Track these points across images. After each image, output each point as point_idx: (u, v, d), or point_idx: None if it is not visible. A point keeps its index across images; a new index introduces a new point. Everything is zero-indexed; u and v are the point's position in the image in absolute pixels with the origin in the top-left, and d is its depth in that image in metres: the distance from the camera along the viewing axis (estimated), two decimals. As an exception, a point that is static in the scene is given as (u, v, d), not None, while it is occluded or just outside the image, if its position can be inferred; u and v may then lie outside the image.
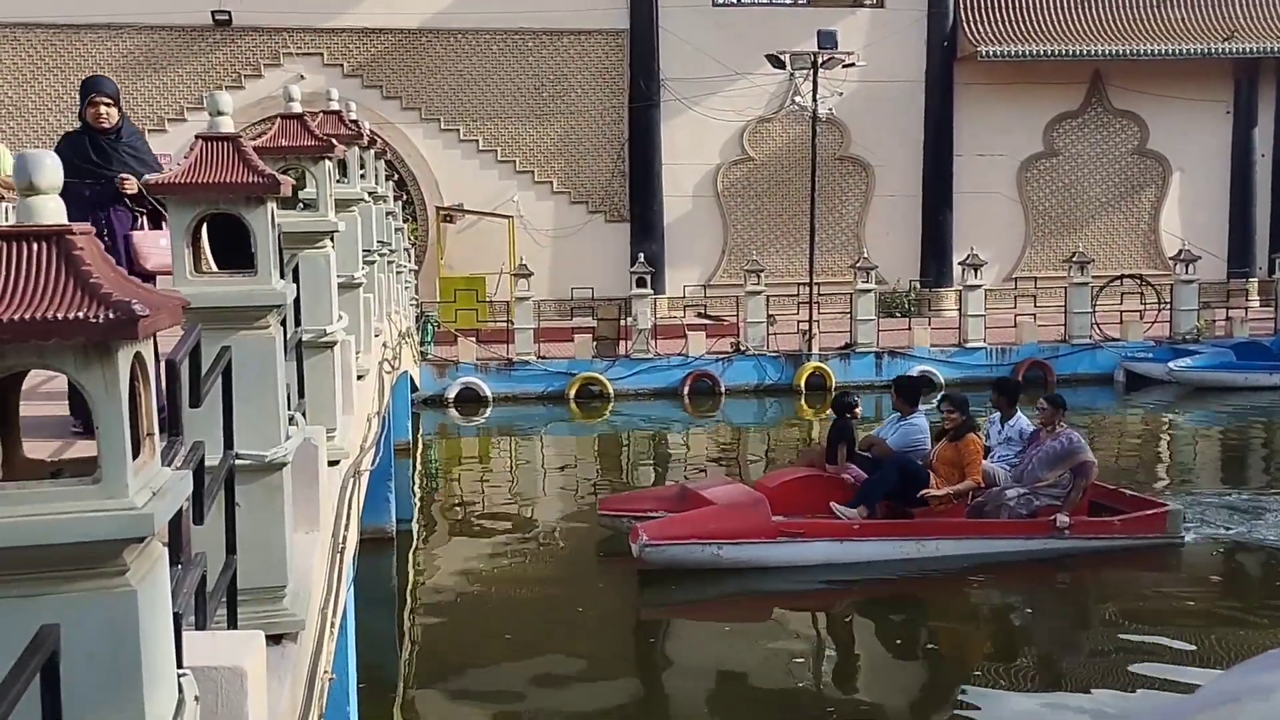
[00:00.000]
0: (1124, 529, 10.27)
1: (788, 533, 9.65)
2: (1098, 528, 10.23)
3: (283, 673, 2.91)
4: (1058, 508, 9.96)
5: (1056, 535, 9.91)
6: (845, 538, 9.75)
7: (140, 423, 1.72)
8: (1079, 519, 10.09)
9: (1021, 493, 10.09)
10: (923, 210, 26.11)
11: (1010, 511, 10.04)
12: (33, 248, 1.61)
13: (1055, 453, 10.10)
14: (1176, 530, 10.36)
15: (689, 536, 9.53)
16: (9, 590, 1.59)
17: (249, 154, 2.94)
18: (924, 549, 9.84)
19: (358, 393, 5.74)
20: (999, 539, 9.93)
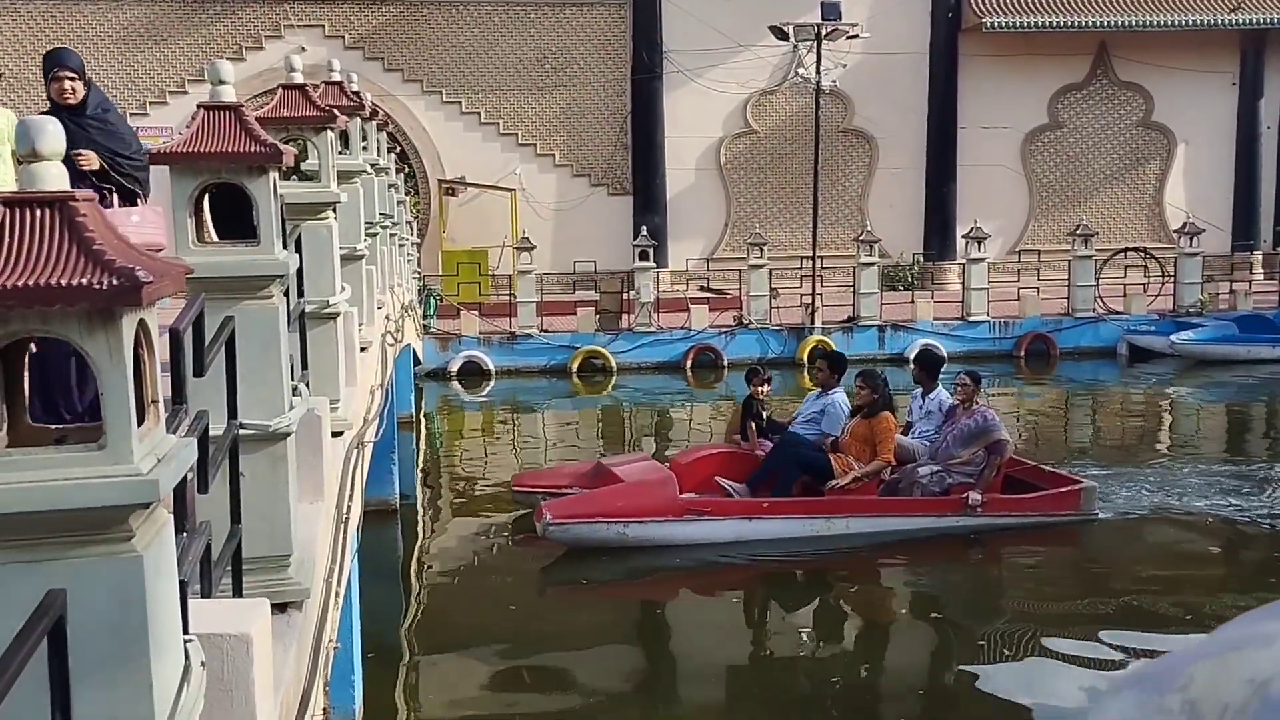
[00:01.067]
0: (1037, 506, 10.25)
1: (695, 511, 9.58)
2: (1011, 505, 10.19)
3: (288, 641, 2.93)
4: (971, 485, 9.91)
5: (969, 513, 9.85)
6: (754, 515, 9.69)
7: (145, 390, 1.73)
8: (992, 496, 10.03)
9: (935, 470, 10.03)
10: (926, 183, 26.01)
11: (923, 489, 9.99)
12: (36, 214, 1.61)
13: (970, 430, 10.05)
14: (1090, 507, 10.33)
15: (594, 515, 9.44)
16: (16, 555, 1.60)
17: (251, 123, 2.93)
18: (834, 527, 9.76)
19: (361, 365, 5.75)
20: (911, 517, 9.88)
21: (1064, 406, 18.38)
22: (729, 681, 7.79)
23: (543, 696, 7.50)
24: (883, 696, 7.60)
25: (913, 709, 7.31)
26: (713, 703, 7.46)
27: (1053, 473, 10.91)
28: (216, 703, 2.22)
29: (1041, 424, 16.99)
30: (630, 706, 7.37)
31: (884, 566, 9.90)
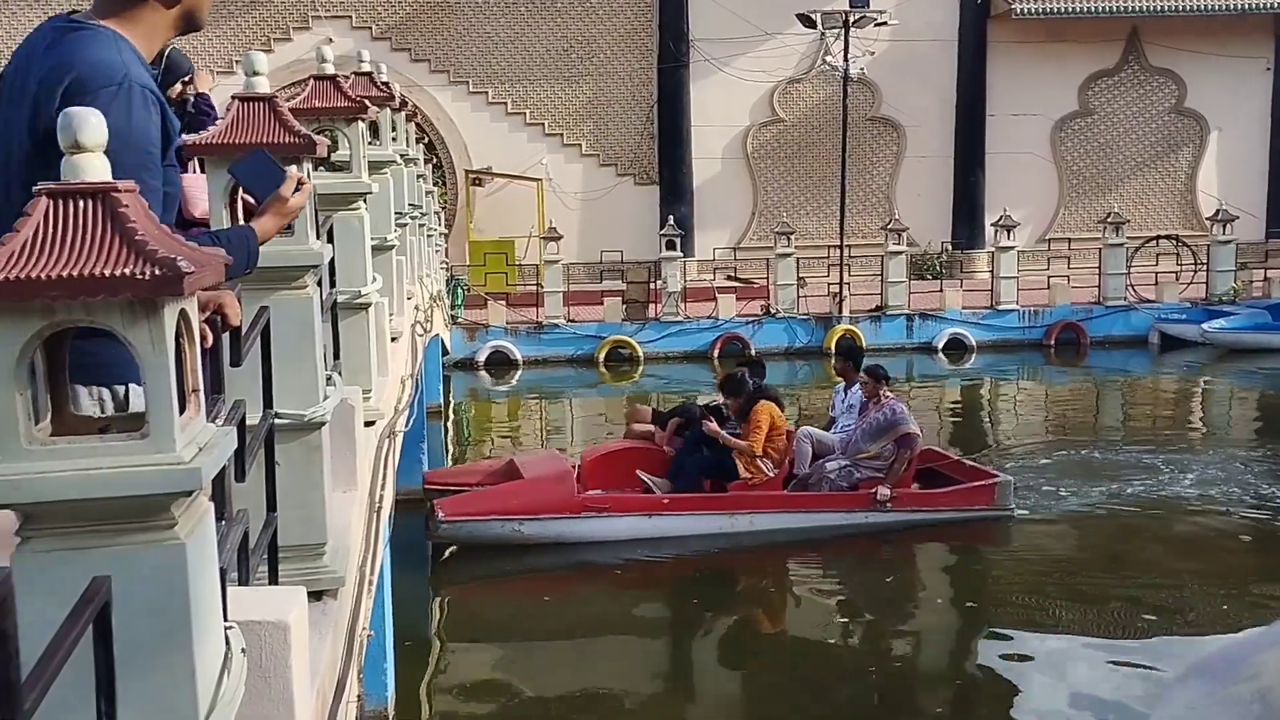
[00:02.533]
0: (950, 501, 10.08)
1: (593, 507, 9.48)
2: (922, 500, 10.05)
3: (323, 628, 2.95)
4: (881, 480, 9.79)
5: (879, 508, 9.72)
6: (654, 512, 9.59)
7: (185, 379, 1.74)
8: (902, 492, 9.89)
9: (843, 465, 9.93)
10: (955, 171, 25.83)
11: (831, 484, 9.89)
12: (79, 205, 1.63)
13: (878, 424, 9.95)
14: (1006, 502, 10.17)
15: (488, 512, 9.36)
16: (63, 543, 1.62)
17: (285, 114, 2.94)
18: (737, 523, 9.64)
19: (391, 355, 5.78)
20: (818, 512, 9.74)
21: (1094, 395, 18.24)
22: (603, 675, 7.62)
23: (569, 683, 7.53)
24: (778, 695, 7.42)
25: (809, 707, 7.17)
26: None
27: (972, 467, 10.73)
28: (255, 689, 2.24)
29: (1070, 413, 16.88)
30: (639, 697, 7.38)
31: (788, 563, 9.72)
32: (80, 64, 2.30)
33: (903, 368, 19.80)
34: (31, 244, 1.59)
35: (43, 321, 1.59)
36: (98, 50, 2.32)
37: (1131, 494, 11.12)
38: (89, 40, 2.34)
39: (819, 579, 9.63)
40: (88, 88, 2.27)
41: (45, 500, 1.61)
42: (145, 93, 2.34)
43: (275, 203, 2.61)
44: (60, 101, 2.22)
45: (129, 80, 2.31)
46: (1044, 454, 13.26)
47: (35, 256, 1.58)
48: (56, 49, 2.33)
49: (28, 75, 2.34)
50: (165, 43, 2.51)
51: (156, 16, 2.45)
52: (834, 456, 10.02)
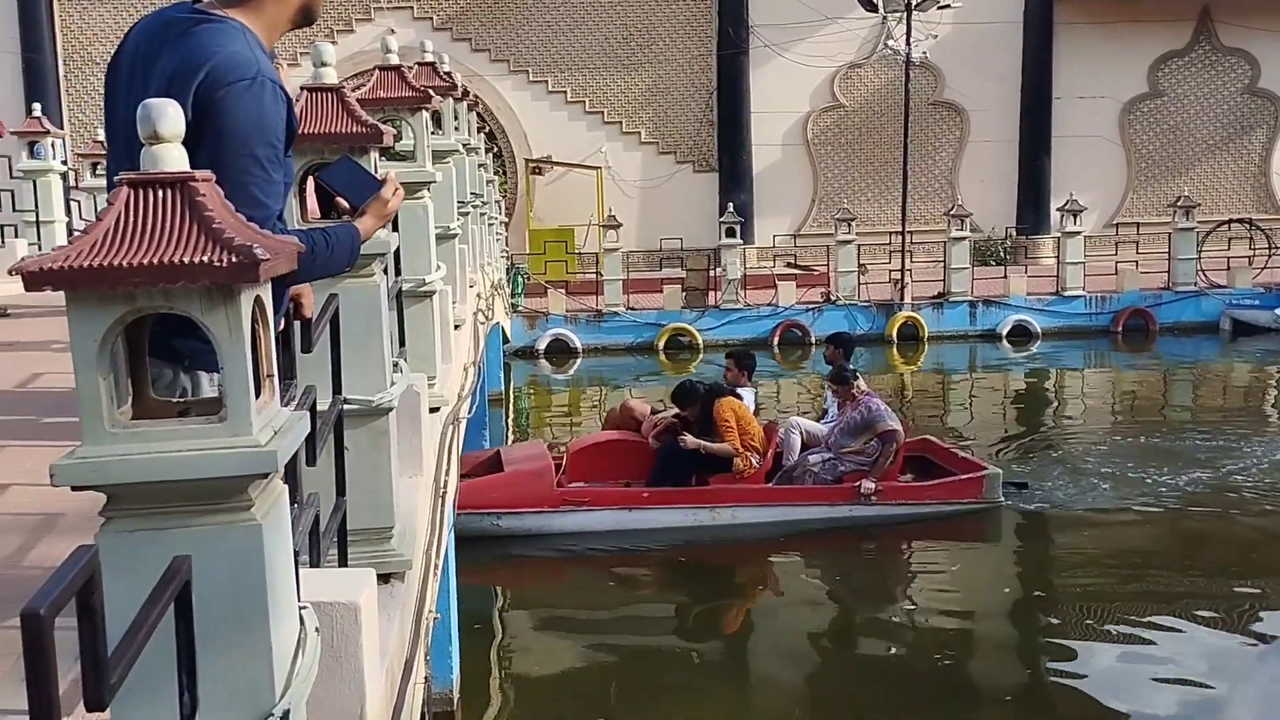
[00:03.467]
0: (937, 494, 9.89)
1: (572, 501, 9.39)
2: (908, 493, 9.86)
3: (391, 611, 3.00)
4: (866, 472, 9.65)
5: (864, 502, 9.58)
6: (634, 506, 9.50)
7: (260, 364, 1.78)
8: (888, 484, 9.73)
9: (826, 458, 9.80)
10: (1019, 155, 25.44)
11: (815, 477, 9.76)
12: (158, 194, 1.67)
13: (855, 423, 9.83)
14: (994, 495, 9.95)
15: (465, 506, 9.22)
16: (144, 523, 1.66)
17: (353, 105, 2.98)
18: (719, 516, 9.53)
19: (455, 342, 5.83)
20: (801, 506, 9.58)
21: (1162, 383, 17.90)
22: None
23: (630, 667, 7.56)
24: (756, 690, 7.31)
25: (784, 702, 7.08)
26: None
27: (964, 458, 10.51)
28: (327, 669, 2.28)
29: (1139, 401, 16.57)
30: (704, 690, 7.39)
31: (770, 558, 9.58)
32: (214, 57, 2.31)
33: (966, 355, 19.59)
34: (113, 232, 1.64)
35: (125, 308, 1.63)
36: (230, 43, 2.34)
37: (1188, 486, 10.87)
38: (220, 33, 2.35)
39: (801, 573, 9.46)
40: (223, 80, 2.29)
41: (127, 482, 1.65)
42: (275, 87, 2.37)
43: (376, 203, 2.68)
44: (195, 94, 2.25)
45: (261, 74, 2.33)
46: (1107, 443, 13.06)
47: (117, 244, 1.62)
48: (187, 41, 2.32)
49: (154, 65, 2.32)
50: (282, 35, 2.54)
51: (279, 9, 2.48)
52: (818, 449, 9.92)
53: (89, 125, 21.89)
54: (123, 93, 2.40)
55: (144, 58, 2.37)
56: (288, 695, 1.74)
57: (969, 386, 18.10)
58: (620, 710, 6.85)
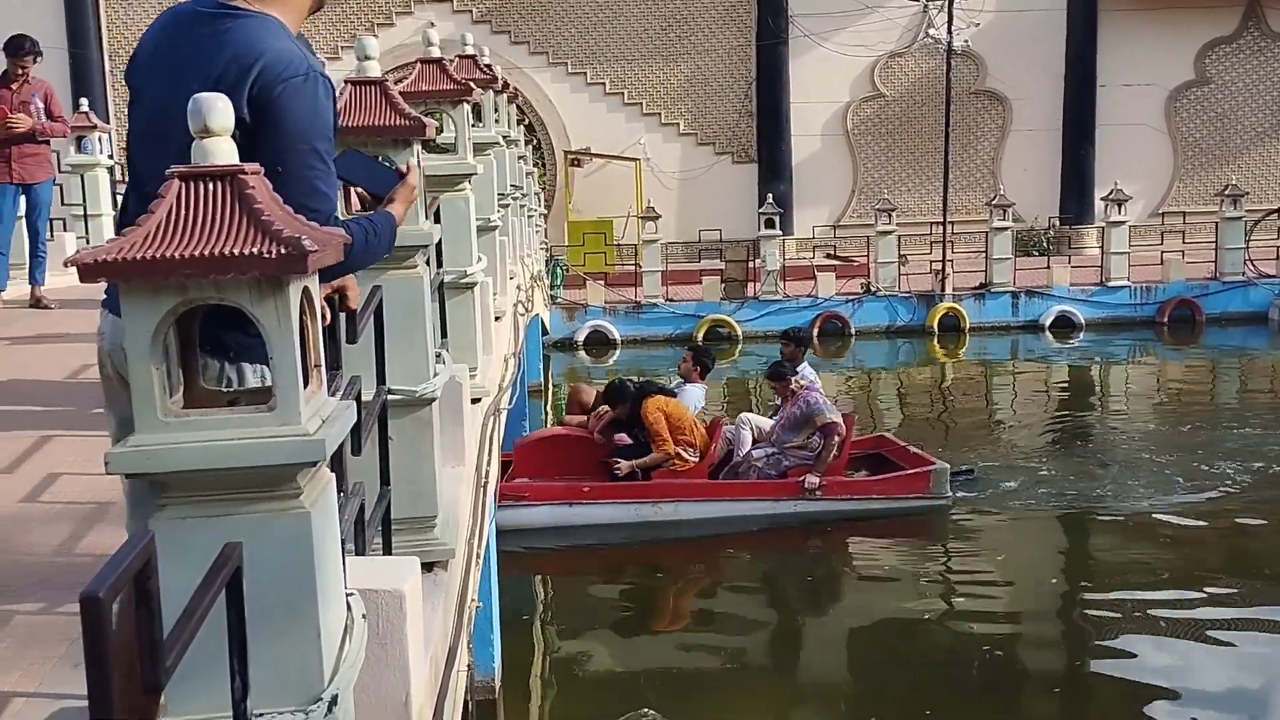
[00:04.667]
0: (882, 489, 9.81)
1: (510, 496, 9.31)
2: (853, 488, 9.80)
3: (435, 599, 3.03)
4: (810, 468, 9.57)
5: (808, 497, 9.49)
6: (575, 501, 9.45)
7: (308, 354, 1.81)
8: (833, 480, 9.64)
9: (770, 453, 9.72)
10: (1063, 144, 25.13)
11: (759, 472, 9.68)
12: (208, 187, 1.70)
13: (796, 418, 9.76)
14: (941, 491, 9.84)
15: None
16: (196, 510, 1.70)
17: (396, 98, 3.01)
18: (661, 512, 9.43)
19: (495, 333, 5.87)
20: (744, 501, 9.48)
21: (1210, 375, 17.65)
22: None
23: (669, 656, 7.59)
24: (688, 689, 7.25)
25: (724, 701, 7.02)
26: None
27: (915, 454, 10.41)
28: (372, 655, 2.31)
29: (1184, 393, 16.35)
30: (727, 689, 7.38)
31: (710, 553, 9.50)
32: (265, 54, 2.30)
33: (1008, 346, 19.41)
34: (165, 225, 1.67)
35: (176, 299, 1.66)
36: (276, 39, 2.33)
37: (1228, 481, 10.68)
38: (263, 28, 2.34)
39: (740, 568, 9.41)
40: (279, 77, 2.29)
41: (180, 470, 1.69)
42: (327, 81, 2.39)
43: (404, 189, 2.70)
44: (250, 93, 2.25)
45: (312, 70, 2.34)
46: (1146, 436, 12.89)
47: (169, 237, 1.66)
48: (226, 36, 2.30)
49: (193, 61, 2.29)
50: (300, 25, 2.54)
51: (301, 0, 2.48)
52: (762, 444, 9.88)
53: (135, 120, 22.16)
54: (156, 87, 2.36)
55: (182, 53, 2.34)
56: (336, 680, 1.77)
57: (1011, 378, 17.95)
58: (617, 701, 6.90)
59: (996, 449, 12.58)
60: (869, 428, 14.09)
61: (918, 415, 15.28)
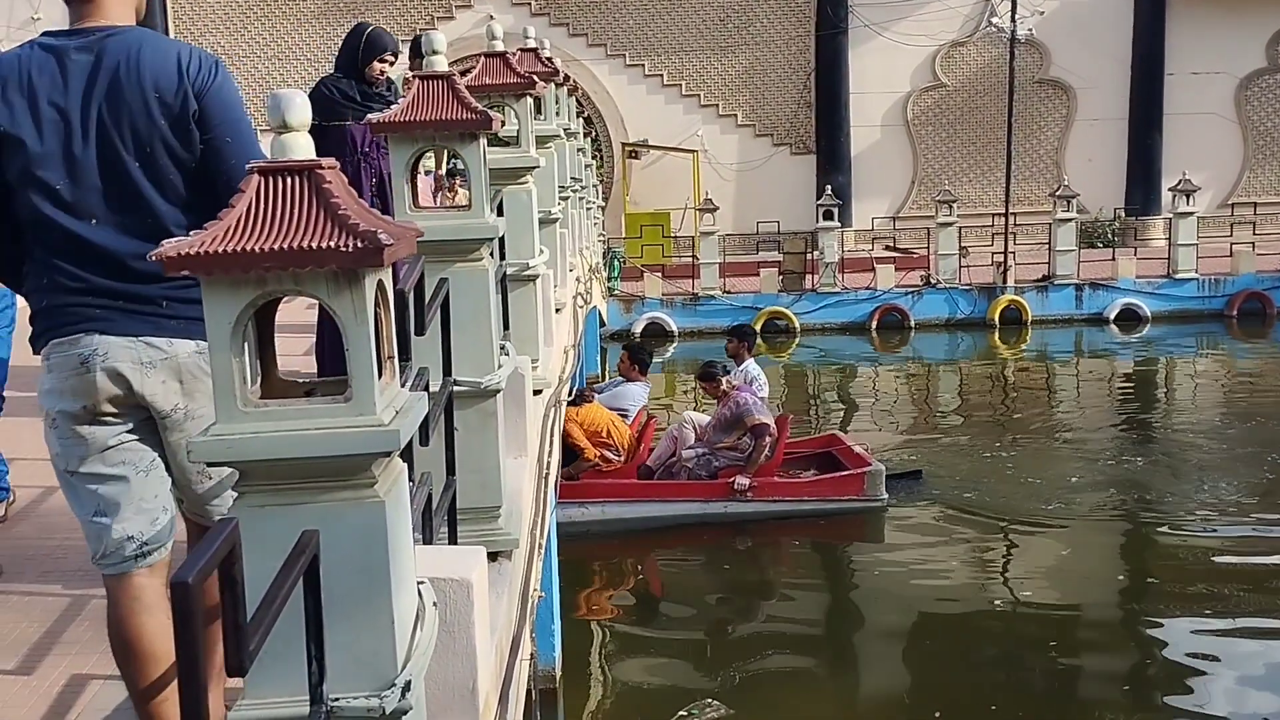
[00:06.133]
0: (815, 491, 9.68)
1: None
2: (784, 489, 9.65)
3: (500, 588, 3.06)
4: (742, 468, 9.45)
5: (738, 498, 9.36)
6: None
7: (382, 346, 1.83)
8: (763, 480, 9.50)
9: (701, 453, 9.62)
10: (1129, 134, 24.68)
11: (690, 472, 9.56)
12: (287, 181, 1.73)
13: (726, 418, 9.67)
14: (876, 493, 9.70)
15: None
16: (274, 498, 1.73)
17: (463, 92, 3.03)
18: (588, 512, 9.33)
19: (556, 325, 5.90)
20: (673, 501, 9.33)
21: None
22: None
23: (725, 645, 7.61)
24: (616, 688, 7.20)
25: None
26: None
27: (859, 454, 10.26)
28: (440, 643, 2.34)
29: (1256, 388, 16.00)
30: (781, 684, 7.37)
31: (638, 554, 9.40)
32: (179, 53, 2.41)
33: (1071, 339, 19.13)
34: (245, 218, 1.70)
35: (256, 291, 1.70)
36: (170, 40, 2.49)
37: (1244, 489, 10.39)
38: (153, 36, 2.45)
39: (668, 569, 9.33)
40: (210, 69, 2.41)
41: (258, 459, 1.72)
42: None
43: None
44: (194, 90, 2.36)
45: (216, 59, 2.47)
46: (1212, 435, 12.63)
47: (249, 230, 1.69)
48: (140, 51, 2.38)
49: (124, 91, 2.34)
50: None
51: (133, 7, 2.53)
52: (693, 444, 9.80)
53: (201, 114, 22.55)
54: (91, 110, 2.33)
55: (105, 76, 2.34)
56: (409, 666, 1.80)
57: (1074, 371, 17.68)
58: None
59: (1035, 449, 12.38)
60: (929, 420, 13.98)
61: (979, 408, 15.08)
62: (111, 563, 2.38)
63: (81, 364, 2.30)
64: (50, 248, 2.34)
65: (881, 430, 13.61)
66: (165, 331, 2.34)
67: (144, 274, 2.30)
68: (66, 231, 2.32)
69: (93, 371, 2.30)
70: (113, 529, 2.35)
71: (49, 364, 2.35)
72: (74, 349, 2.30)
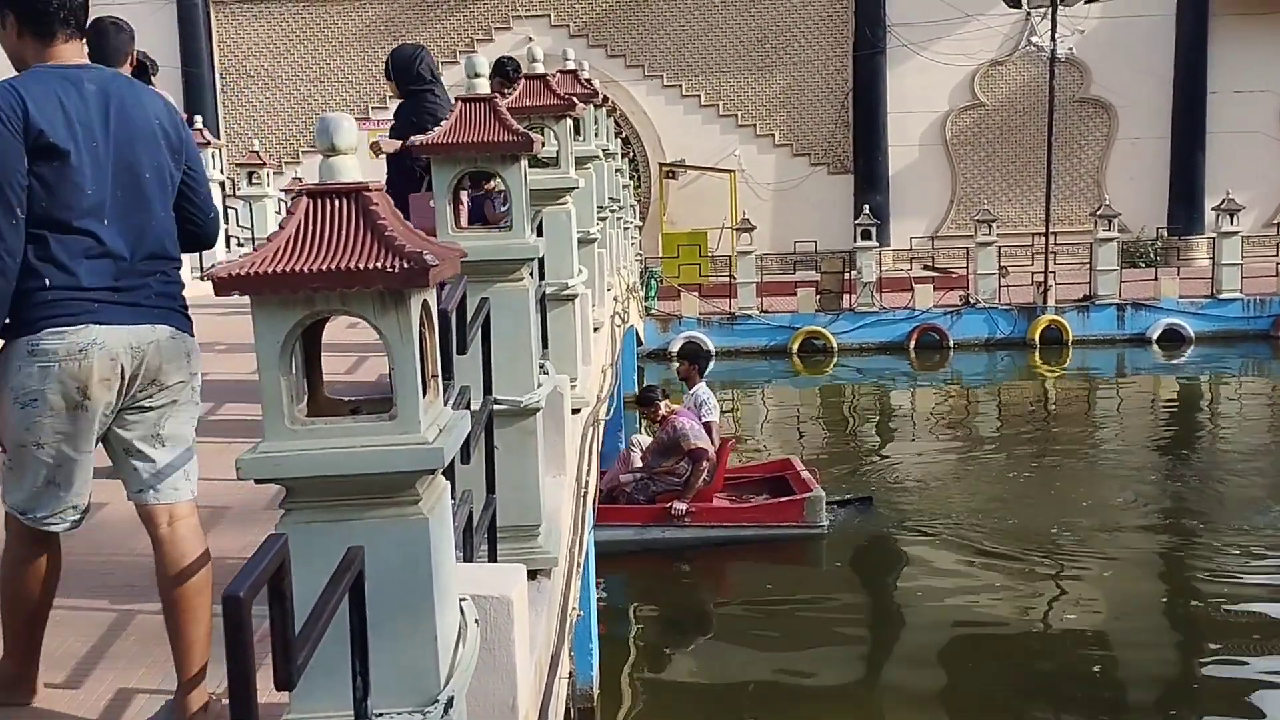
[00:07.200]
0: (753, 517, 9.60)
1: None
2: (722, 515, 9.56)
3: (539, 606, 3.07)
4: (680, 494, 9.38)
5: (675, 523, 9.27)
6: None
7: (426, 365, 1.86)
8: (702, 506, 9.42)
9: (639, 477, 9.56)
10: (1171, 153, 24.44)
11: (628, 497, 9.49)
12: (335, 204, 1.76)
13: (664, 443, 9.63)
14: (815, 519, 9.57)
15: None
16: (320, 515, 1.76)
17: (504, 114, 3.07)
18: None
19: (594, 344, 5.92)
20: (608, 527, 9.12)
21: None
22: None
23: (765, 668, 7.56)
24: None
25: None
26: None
27: (806, 479, 10.15)
28: (481, 660, 2.36)
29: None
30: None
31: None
32: (160, 99, 2.80)
33: (1113, 360, 18.92)
34: (294, 240, 1.74)
35: (305, 311, 1.73)
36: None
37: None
38: (126, 78, 2.79)
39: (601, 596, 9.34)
40: (177, 112, 2.86)
41: (305, 476, 1.75)
42: None
43: None
44: (178, 121, 2.77)
45: None
46: (1256, 457, 12.43)
47: (298, 251, 1.72)
48: (133, 87, 2.71)
49: (134, 117, 2.64)
50: None
51: None
52: (632, 469, 9.75)
53: (244, 136, 22.87)
54: (97, 147, 2.62)
55: (114, 113, 2.65)
56: (451, 683, 1.82)
57: (1116, 393, 17.49)
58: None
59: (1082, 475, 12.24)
60: (964, 441, 13.86)
61: (1016, 428, 14.94)
62: (50, 523, 2.61)
63: (80, 351, 2.52)
64: (64, 246, 2.57)
65: (918, 447, 13.51)
66: (150, 319, 2.62)
67: (139, 271, 2.60)
68: (85, 231, 2.56)
69: (90, 358, 2.51)
70: (64, 498, 2.60)
71: (40, 349, 2.54)
72: (75, 338, 2.52)
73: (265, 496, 3.79)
